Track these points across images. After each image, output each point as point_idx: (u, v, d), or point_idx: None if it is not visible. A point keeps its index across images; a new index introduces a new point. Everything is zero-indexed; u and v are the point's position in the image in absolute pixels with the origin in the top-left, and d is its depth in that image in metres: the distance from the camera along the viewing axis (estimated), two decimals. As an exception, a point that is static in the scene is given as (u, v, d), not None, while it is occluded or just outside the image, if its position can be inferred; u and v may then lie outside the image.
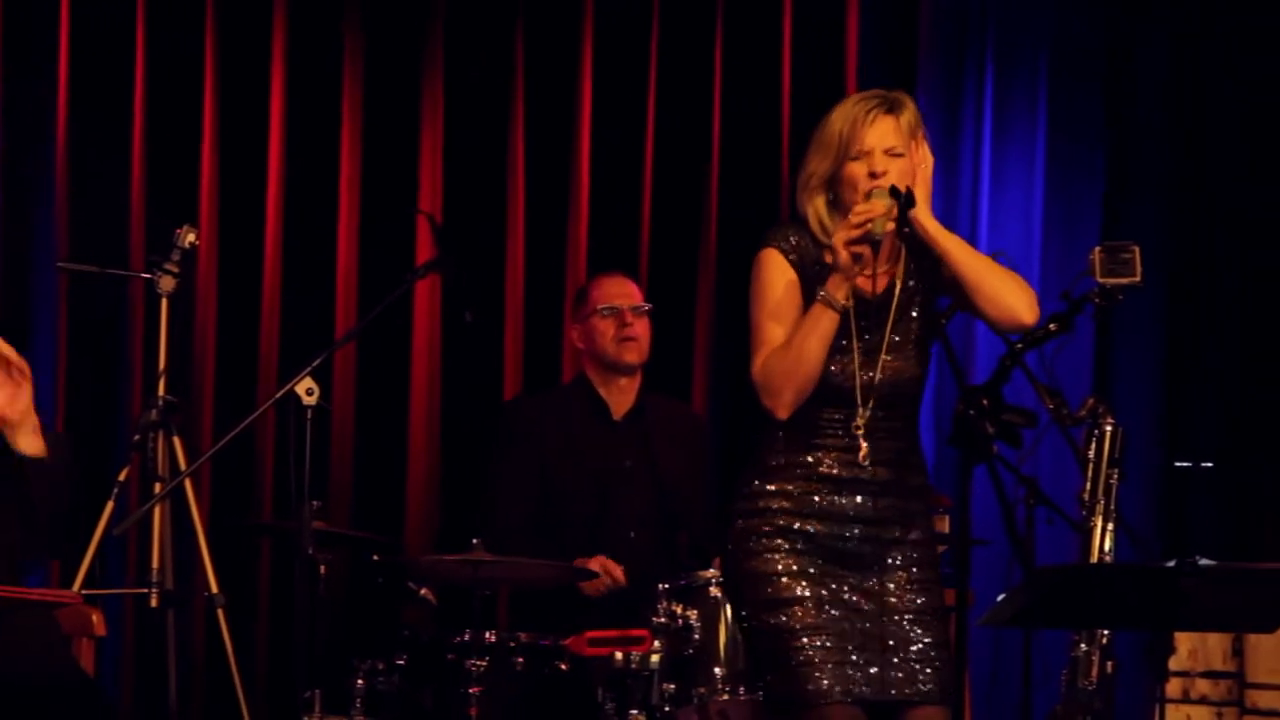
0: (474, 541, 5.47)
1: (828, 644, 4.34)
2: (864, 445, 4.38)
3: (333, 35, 6.86)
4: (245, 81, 6.81)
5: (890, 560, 4.40)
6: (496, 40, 6.97)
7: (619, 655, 5.51)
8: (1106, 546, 5.18)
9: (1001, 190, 7.02)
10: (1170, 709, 5.99)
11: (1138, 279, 4.25)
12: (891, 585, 4.40)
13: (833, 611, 4.36)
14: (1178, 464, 6.76)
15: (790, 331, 4.36)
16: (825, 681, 4.33)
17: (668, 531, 6.15)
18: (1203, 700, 6.09)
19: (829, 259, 4.36)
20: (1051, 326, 4.27)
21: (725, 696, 5.45)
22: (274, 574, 6.70)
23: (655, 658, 5.49)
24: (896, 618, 4.37)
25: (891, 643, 4.36)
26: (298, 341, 6.67)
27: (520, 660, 5.63)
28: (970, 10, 7.14)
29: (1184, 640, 6.01)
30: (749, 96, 7.08)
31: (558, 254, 6.97)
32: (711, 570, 5.61)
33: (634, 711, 5.50)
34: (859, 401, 4.36)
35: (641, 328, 6.17)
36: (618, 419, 6.20)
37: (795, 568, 4.38)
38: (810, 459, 4.41)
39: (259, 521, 6.63)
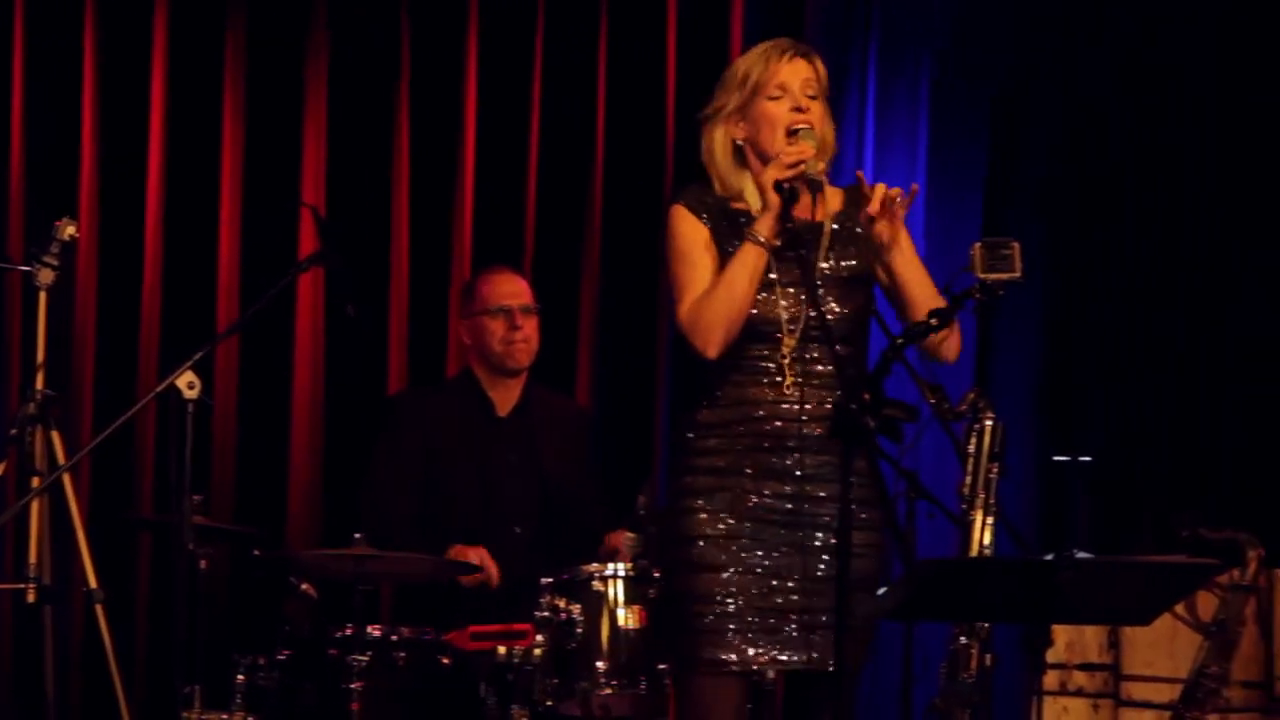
0: (356, 536, 5.46)
1: (734, 613, 4.36)
2: (789, 375, 4.38)
3: (214, 26, 6.82)
4: (125, 73, 6.76)
5: (824, 520, 4.40)
6: (380, 32, 6.94)
7: (501, 650, 5.51)
8: (986, 540, 5.21)
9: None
10: (1047, 701, 6.04)
11: (1018, 274, 4.26)
12: (821, 548, 4.40)
13: (753, 578, 4.38)
14: (1056, 458, 6.82)
15: (707, 276, 4.39)
16: (720, 653, 4.36)
17: (552, 526, 6.15)
18: (1079, 692, 6.14)
19: (736, 206, 4.42)
20: (932, 321, 4.29)
21: (608, 690, 5.45)
22: (154, 569, 6.66)
23: (538, 652, 5.50)
24: (823, 586, 4.37)
25: (812, 610, 4.38)
26: (179, 335, 6.62)
27: (402, 655, 5.61)
28: (855, 8, 7.17)
29: (1061, 633, 6.07)
30: (634, 91, 7.09)
31: (442, 247, 6.96)
32: (595, 564, 5.61)
33: (516, 706, 5.50)
34: (784, 333, 4.36)
35: (530, 328, 6.17)
36: (503, 415, 6.19)
37: (719, 530, 4.39)
38: (742, 412, 4.42)
39: (139, 516, 6.58)
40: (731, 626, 4.38)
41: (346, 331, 6.75)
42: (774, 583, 4.40)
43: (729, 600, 4.38)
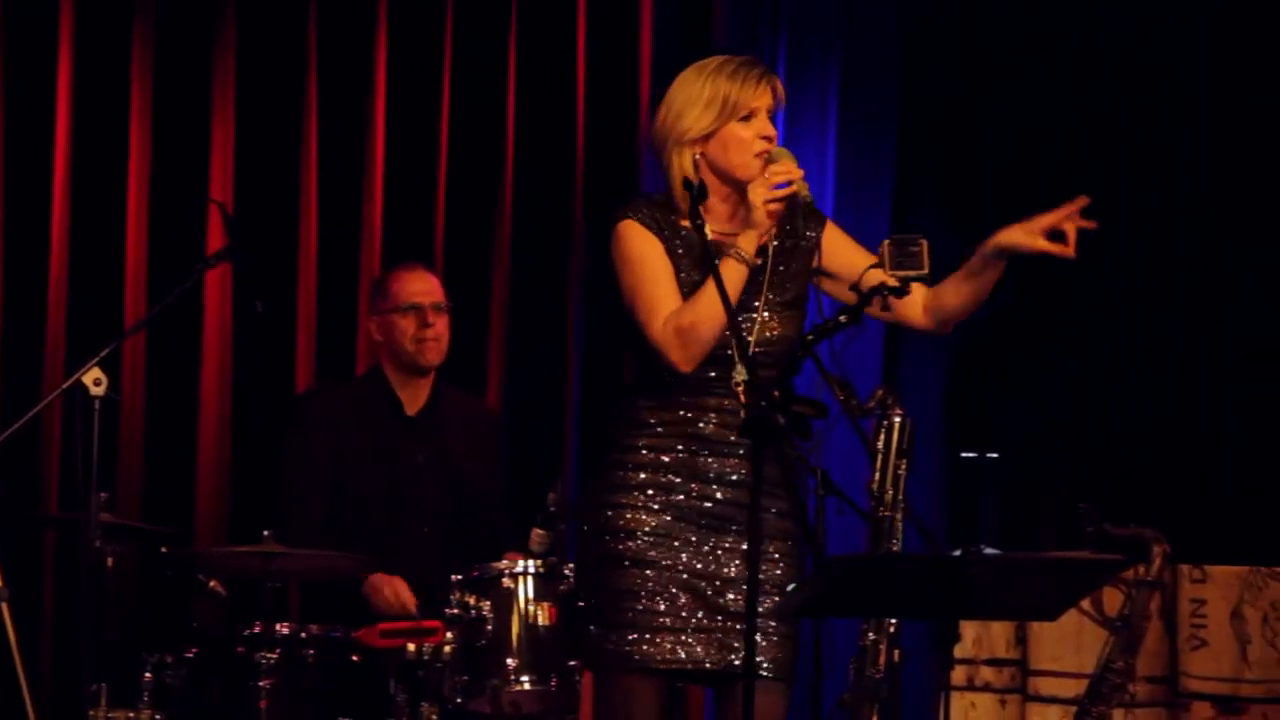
0: (265, 533, 5.44)
1: (658, 610, 4.37)
2: (745, 400, 4.40)
3: (122, 20, 6.77)
4: (31, 67, 6.69)
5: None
6: (289, 27, 6.91)
7: (411, 647, 5.51)
8: (895, 536, 5.24)
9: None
10: (955, 696, 6.08)
11: (925, 271, 4.28)
12: (748, 553, 4.41)
13: (677, 576, 4.39)
14: (964, 455, 6.86)
15: (672, 289, 4.40)
16: (646, 651, 4.37)
17: (461, 525, 6.14)
18: (987, 687, 6.19)
19: (682, 223, 4.43)
20: (841, 318, 4.30)
21: (518, 687, 5.46)
22: (60, 567, 6.60)
23: (448, 649, 5.49)
24: (745, 587, 4.39)
25: (735, 612, 4.38)
26: (85, 331, 6.57)
27: (311, 653, 5.60)
28: (763, 7, 7.19)
29: (969, 628, 6.11)
30: (544, 89, 7.09)
31: (351, 244, 6.93)
32: (504, 562, 5.61)
33: (426, 703, 5.50)
34: (737, 360, 4.37)
35: (442, 326, 6.15)
36: (412, 414, 6.18)
37: (648, 526, 4.40)
38: (682, 417, 4.43)
39: (44, 513, 6.53)
40: (659, 624, 4.39)
41: (255, 328, 6.71)
42: (701, 584, 4.42)
43: (657, 598, 4.39)
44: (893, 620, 5.15)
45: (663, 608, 4.39)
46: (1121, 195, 7.00)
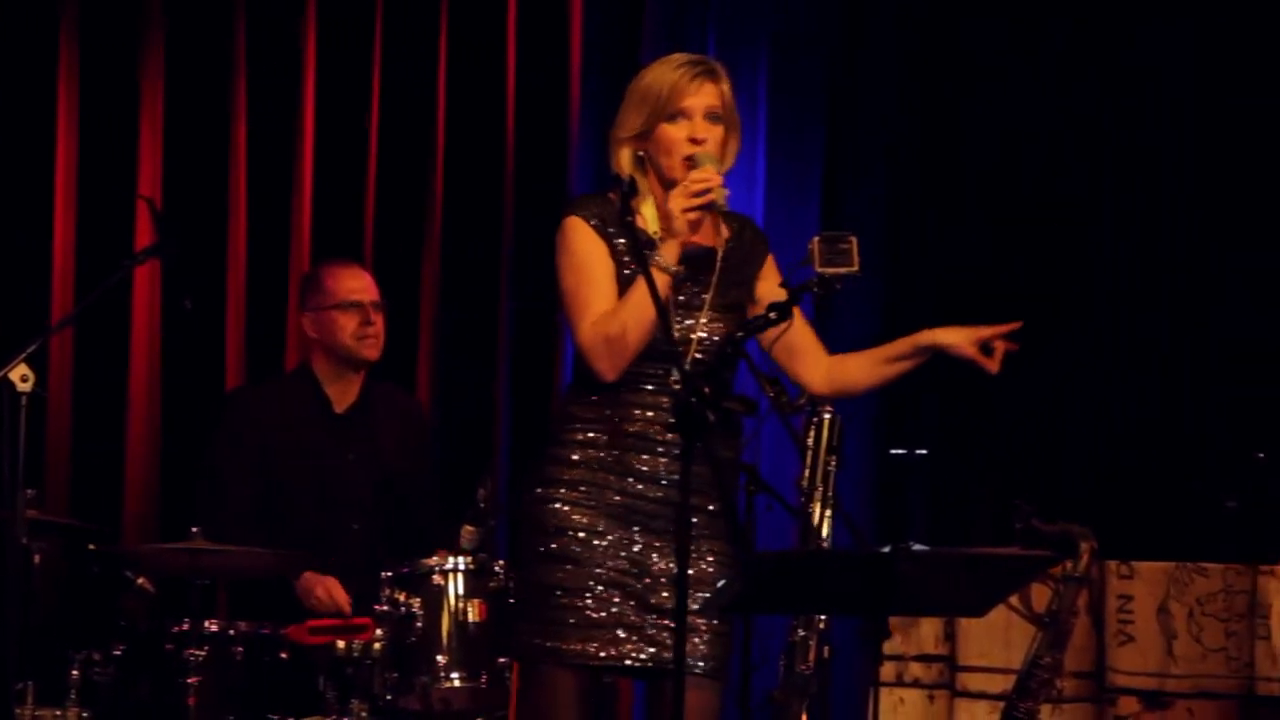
0: (193, 530, 5.42)
1: (588, 607, 4.36)
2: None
3: (49, 16, 6.73)
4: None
5: (690, 524, 4.41)
6: (218, 22, 6.88)
7: (340, 644, 5.50)
8: (824, 533, 5.25)
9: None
10: (884, 692, 6.09)
11: (855, 268, 4.29)
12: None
13: (609, 574, 4.38)
14: (893, 451, 6.88)
15: (607, 294, 4.37)
16: (574, 644, 4.36)
17: (391, 521, 6.13)
18: (915, 683, 6.20)
19: (639, 223, 4.40)
20: (771, 315, 4.32)
21: (448, 684, 5.45)
22: (-14, 564, 6.57)
23: (377, 646, 5.49)
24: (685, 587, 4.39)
25: (667, 610, 4.38)
26: (12, 327, 6.53)
27: (240, 650, 5.58)
28: (690, 5, 7.20)
29: (898, 625, 6.12)
30: (473, 88, 7.08)
31: (281, 241, 6.91)
32: (435, 558, 5.60)
33: (355, 700, 5.49)
34: (675, 357, 4.36)
35: (381, 323, 6.14)
36: (340, 411, 6.16)
37: (582, 523, 4.39)
38: (620, 415, 4.42)
39: (-29, 511, 6.49)
40: (589, 620, 4.38)
41: (183, 325, 6.69)
42: (633, 582, 4.41)
43: (588, 595, 4.38)
44: (822, 616, 5.17)
45: (593, 604, 4.39)
46: (1105, 197, 7.02)
